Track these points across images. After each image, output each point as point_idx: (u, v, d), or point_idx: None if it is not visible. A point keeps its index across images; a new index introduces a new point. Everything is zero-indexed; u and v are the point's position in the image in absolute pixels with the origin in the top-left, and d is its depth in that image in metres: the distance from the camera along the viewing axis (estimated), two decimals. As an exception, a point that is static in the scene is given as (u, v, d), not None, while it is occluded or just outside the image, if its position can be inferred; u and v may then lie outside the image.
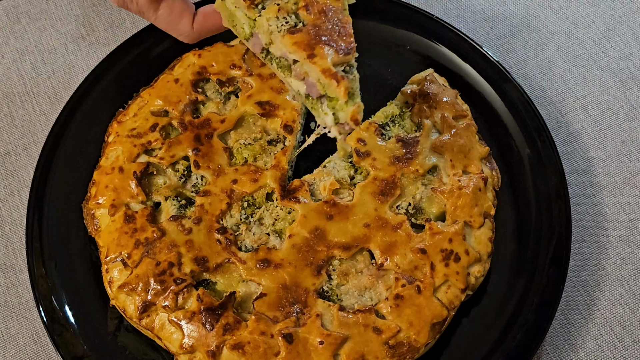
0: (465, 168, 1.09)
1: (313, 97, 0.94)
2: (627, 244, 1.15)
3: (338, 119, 0.92)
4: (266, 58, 1.00)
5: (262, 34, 0.96)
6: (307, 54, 0.91)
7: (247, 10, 0.97)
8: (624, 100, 1.26)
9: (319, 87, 0.92)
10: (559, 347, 1.07)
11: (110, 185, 1.06)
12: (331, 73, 0.89)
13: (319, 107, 0.94)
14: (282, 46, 0.94)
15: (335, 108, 0.92)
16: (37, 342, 1.07)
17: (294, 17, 0.94)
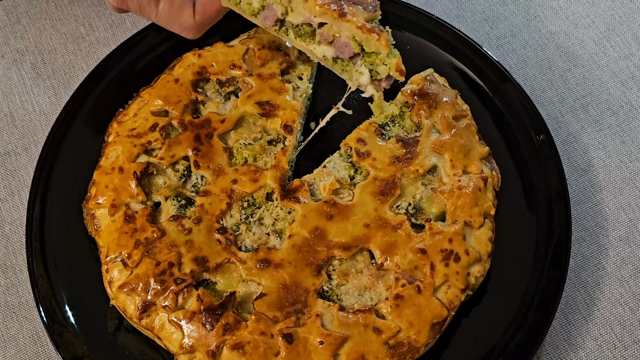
0: (465, 168, 1.09)
1: (344, 59, 0.94)
2: (627, 244, 1.15)
3: (376, 75, 0.92)
4: (280, 30, 0.99)
5: (278, 4, 0.95)
6: (337, 13, 0.91)
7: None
8: (624, 100, 1.26)
9: (353, 46, 0.92)
10: (558, 347, 1.07)
11: (110, 185, 1.06)
12: (368, 28, 0.90)
13: (351, 68, 0.94)
14: (305, 11, 0.94)
15: (375, 64, 0.92)
16: (37, 342, 1.07)
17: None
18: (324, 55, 0.96)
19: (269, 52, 1.16)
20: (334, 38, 0.94)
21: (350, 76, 0.96)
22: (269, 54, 1.16)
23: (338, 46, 0.94)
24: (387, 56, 0.91)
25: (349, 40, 0.92)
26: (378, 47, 0.90)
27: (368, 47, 0.91)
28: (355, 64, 0.94)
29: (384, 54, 0.91)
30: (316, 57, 0.99)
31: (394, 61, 0.91)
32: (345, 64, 0.95)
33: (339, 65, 0.96)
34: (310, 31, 0.96)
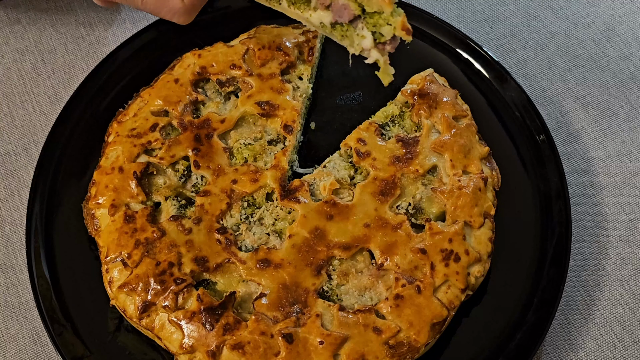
0: (465, 168, 1.09)
1: (343, 23, 0.88)
2: (627, 244, 1.15)
3: (380, 38, 0.86)
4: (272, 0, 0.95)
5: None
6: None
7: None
8: (624, 100, 1.26)
9: (353, 7, 0.86)
10: (558, 347, 1.07)
11: (110, 185, 1.06)
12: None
13: (352, 33, 0.89)
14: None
15: (378, 24, 0.86)
16: (37, 342, 1.07)
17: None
18: (321, 21, 0.90)
19: (269, 52, 1.16)
20: (331, 1, 0.88)
21: (351, 42, 0.90)
22: (269, 54, 1.16)
23: (336, 10, 0.88)
24: (391, 14, 0.85)
25: (347, 1, 0.86)
26: (381, 5, 0.84)
27: (369, 6, 0.85)
28: (356, 28, 0.88)
29: (388, 12, 0.84)
30: (312, 24, 0.93)
31: (399, 19, 0.85)
32: (345, 29, 0.89)
33: (337, 31, 0.90)
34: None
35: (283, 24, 1.20)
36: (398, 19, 0.85)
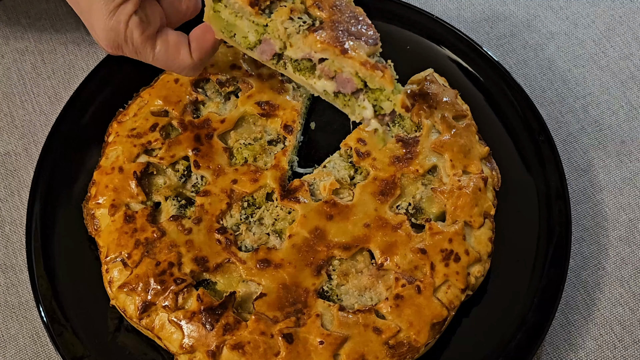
0: (465, 168, 1.09)
1: (346, 94, 0.92)
2: (627, 244, 1.15)
3: (380, 110, 0.90)
4: (278, 64, 0.97)
5: (276, 38, 0.93)
6: (339, 50, 0.88)
7: (255, 17, 0.92)
8: (624, 100, 1.26)
9: (356, 82, 0.90)
10: (558, 347, 1.07)
11: (110, 185, 1.06)
12: (372, 64, 0.87)
13: (354, 103, 0.92)
14: (306, 47, 0.91)
15: (379, 99, 0.90)
16: (37, 342, 1.07)
17: (306, 16, 0.92)
18: (324, 89, 0.94)
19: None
20: (335, 74, 0.91)
21: (352, 110, 0.93)
22: None
23: (340, 81, 0.91)
24: (392, 92, 0.89)
25: (351, 76, 0.90)
26: (382, 83, 0.88)
27: (372, 83, 0.89)
28: (357, 99, 0.92)
29: (389, 90, 0.88)
30: (316, 91, 0.96)
31: (399, 97, 0.89)
32: (347, 99, 0.93)
33: (340, 99, 0.93)
34: (310, 66, 0.93)
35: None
36: (398, 96, 0.88)
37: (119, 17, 0.93)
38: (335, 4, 0.92)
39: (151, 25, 0.96)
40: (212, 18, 0.96)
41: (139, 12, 0.94)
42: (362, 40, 0.89)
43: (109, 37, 0.95)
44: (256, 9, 0.91)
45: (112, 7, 0.93)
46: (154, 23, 0.97)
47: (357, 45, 0.88)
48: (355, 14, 0.93)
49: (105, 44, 0.96)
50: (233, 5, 0.93)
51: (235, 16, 0.94)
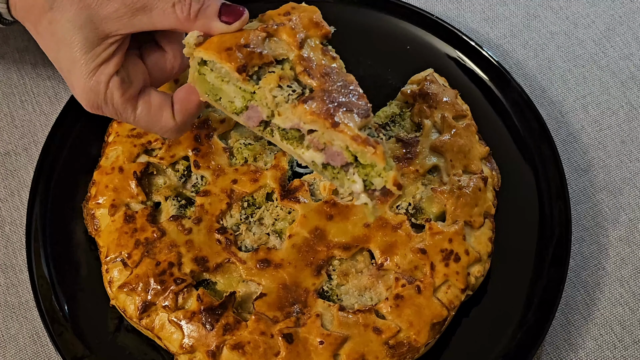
0: (465, 168, 1.09)
1: (335, 166, 0.85)
2: (627, 244, 1.15)
3: (370, 185, 0.84)
4: (264, 131, 0.89)
5: (264, 106, 0.86)
6: (330, 123, 0.82)
7: (242, 84, 0.85)
8: (624, 100, 1.26)
9: (346, 155, 0.83)
10: (559, 347, 1.07)
11: (110, 185, 1.06)
12: (363, 139, 0.81)
13: (343, 176, 0.86)
14: (294, 117, 0.84)
15: (369, 175, 0.84)
16: (37, 342, 1.07)
17: (296, 84, 0.85)
18: (312, 160, 0.86)
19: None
20: (325, 146, 0.84)
21: (341, 183, 0.86)
22: None
23: (329, 154, 0.84)
24: (384, 169, 0.82)
25: (341, 149, 0.83)
26: (374, 160, 0.82)
27: (363, 159, 0.83)
28: (347, 172, 0.85)
29: (380, 167, 0.82)
30: (304, 160, 0.87)
31: (391, 174, 0.82)
32: (337, 172, 0.86)
33: (329, 171, 0.86)
34: (299, 135, 0.86)
35: (283, 24, 1.20)
36: (390, 173, 0.82)
37: (99, 78, 0.87)
38: (326, 71, 0.87)
39: (133, 86, 0.89)
40: (197, 80, 0.89)
41: (120, 72, 0.88)
42: (354, 112, 0.83)
43: (88, 98, 0.89)
44: (244, 75, 0.84)
45: (93, 67, 0.86)
46: (136, 83, 0.90)
47: (348, 117, 0.82)
48: (346, 82, 0.87)
49: (85, 104, 0.90)
50: (219, 70, 0.86)
51: (222, 80, 0.87)
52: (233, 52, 0.84)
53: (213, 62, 0.86)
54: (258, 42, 0.86)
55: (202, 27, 0.86)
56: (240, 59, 0.84)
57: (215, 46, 0.85)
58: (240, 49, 0.85)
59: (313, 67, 0.87)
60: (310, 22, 0.90)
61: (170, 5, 0.84)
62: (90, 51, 0.85)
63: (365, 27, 1.23)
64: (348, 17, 1.24)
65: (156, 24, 0.86)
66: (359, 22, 1.24)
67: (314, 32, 0.90)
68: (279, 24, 0.89)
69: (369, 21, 1.24)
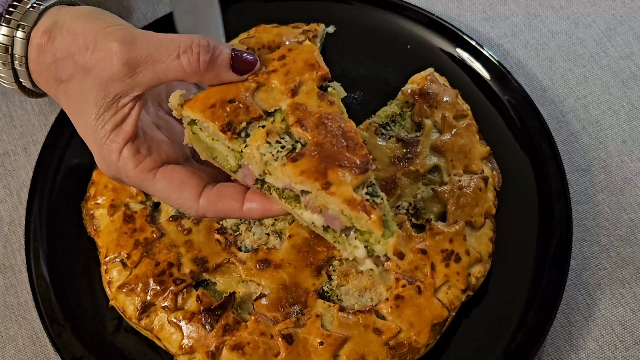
0: (466, 168, 1.08)
1: (335, 230, 0.77)
2: (628, 244, 1.14)
3: (373, 252, 0.75)
4: (262, 189, 0.80)
5: (254, 165, 0.78)
6: (320, 184, 0.73)
7: (229, 143, 0.78)
8: (625, 99, 1.26)
9: (344, 220, 0.75)
10: (559, 348, 1.07)
11: (109, 185, 1.06)
12: (356, 203, 0.72)
13: (344, 241, 0.77)
14: (284, 177, 0.76)
15: (369, 242, 0.75)
16: (36, 342, 1.07)
17: (287, 137, 0.77)
18: (312, 222, 0.78)
19: (268, 52, 1.15)
20: (321, 209, 0.76)
21: (344, 247, 0.77)
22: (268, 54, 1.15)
23: (327, 217, 0.76)
24: (383, 235, 0.73)
25: (337, 214, 0.74)
26: (370, 227, 0.72)
27: (359, 225, 0.74)
28: (348, 237, 0.76)
29: (378, 235, 0.72)
30: (304, 221, 0.79)
31: (391, 242, 0.73)
32: (338, 235, 0.77)
33: (330, 234, 0.78)
34: (294, 195, 0.78)
35: (282, 23, 1.20)
36: (390, 240, 0.73)
37: (111, 147, 0.81)
38: (322, 120, 0.77)
39: (151, 158, 0.82)
40: (193, 140, 0.83)
41: (136, 142, 0.81)
42: (349, 168, 0.73)
43: (102, 166, 0.83)
44: (229, 134, 0.77)
45: (103, 133, 0.80)
46: (155, 156, 0.82)
47: (341, 176, 0.73)
48: (344, 131, 0.77)
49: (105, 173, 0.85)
50: (207, 129, 0.80)
51: (212, 139, 0.80)
52: (217, 110, 0.77)
53: (200, 122, 0.79)
54: (246, 95, 0.79)
55: (213, 79, 0.80)
56: (225, 117, 0.77)
57: (200, 104, 0.79)
58: (224, 105, 0.78)
59: (307, 116, 0.78)
60: (305, 65, 0.82)
61: (174, 56, 0.78)
62: (100, 116, 0.80)
63: (365, 26, 1.23)
64: (348, 16, 1.24)
65: (162, 78, 0.79)
66: (359, 21, 1.24)
67: (309, 76, 0.81)
68: (270, 71, 0.81)
69: (369, 20, 1.24)
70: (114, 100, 0.80)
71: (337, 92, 0.82)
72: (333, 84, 0.83)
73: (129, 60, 0.78)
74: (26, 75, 0.85)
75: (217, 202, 0.81)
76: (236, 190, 0.82)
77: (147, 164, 0.82)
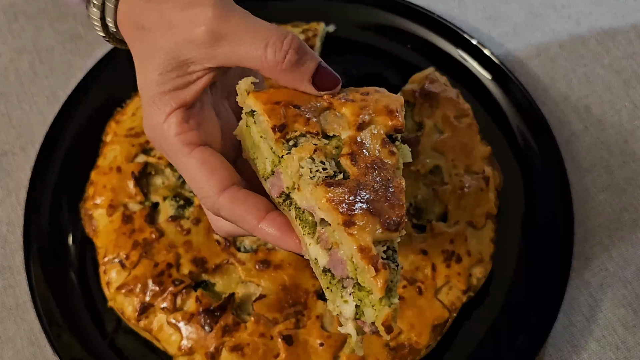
0: (467, 168, 1.08)
1: (334, 276, 0.71)
2: (630, 244, 1.14)
3: (361, 315, 0.69)
4: (283, 204, 0.76)
5: (287, 175, 0.73)
6: (343, 219, 0.67)
7: (274, 144, 0.74)
8: (627, 99, 1.26)
9: (349, 268, 0.69)
10: (561, 349, 1.07)
11: (108, 186, 1.05)
12: (370, 255, 0.67)
13: (337, 291, 0.71)
14: (311, 198, 0.70)
15: (363, 302, 0.69)
16: (35, 343, 1.06)
17: (333, 164, 0.72)
18: (316, 258, 0.72)
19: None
20: (332, 246, 0.70)
21: (333, 298, 0.71)
22: None
23: (333, 258, 0.70)
24: (380, 301, 0.67)
25: (346, 258, 0.69)
26: (372, 285, 0.67)
27: (362, 278, 0.68)
28: (344, 288, 0.70)
29: (376, 297, 0.67)
30: (308, 254, 0.74)
31: (385, 311, 0.67)
32: (334, 283, 0.71)
33: (326, 278, 0.72)
34: (312, 222, 0.73)
35: (282, 22, 1.19)
36: (385, 309, 0.67)
37: (162, 107, 0.77)
38: (375, 164, 0.73)
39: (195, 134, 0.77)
40: (244, 132, 0.79)
41: (189, 111, 0.77)
42: (380, 220, 0.68)
43: (146, 124, 0.80)
44: (278, 135, 0.73)
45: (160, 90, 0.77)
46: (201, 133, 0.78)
47: (368, 222, 0.68)
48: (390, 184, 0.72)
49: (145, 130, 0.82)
50: (261, 124, 0.76)
51: (261, 137, 0.77)
52: (279, 108, 0.73)
53: (258, 114, 0.75)
54: (314, 108, 0.75)
55: (289, 81, 0.76)
56: (283, 117, 0.73)
57: (266, 97, 0.75)
58: (287, 107, 0.73)
59: (362, 154, 0.73)
60: (384, 109, 0.76)
61: (262, 45, 0.74)
62: (164, 74, 0.77)
63: (365, 25, 1.23)
64: (348, 16, 1.23)
65: (241, 60, 0.75)
66: (359, 21, 1.23)
67: (383, 120, 0.76)
68: (349, 99, 0.76)
69: (370, 19, 1.24)
70: (184, 63, 0.76)
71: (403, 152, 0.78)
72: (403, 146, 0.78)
73: (215, 30, 0.74)
74: (113, 13, 0.80)
75: (238, 204, 0.75)
76: (261, 203, 0.77)
77: (189, 136, 0.77)
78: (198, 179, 0.77)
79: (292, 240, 0.75)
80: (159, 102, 0.77)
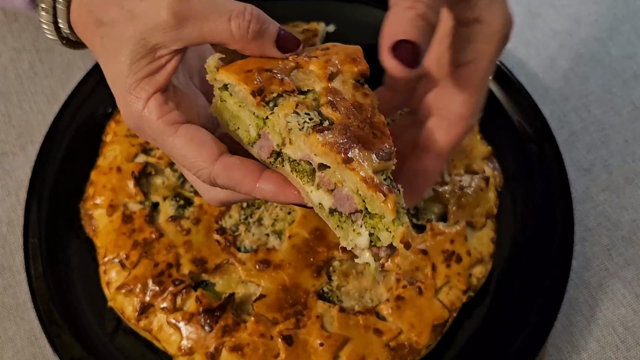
0: (467, 168, 1.08)
1: (342, 214, 0.74)
2: (630, 244, 1.14)
3: (377, 241, 0.73)
4: (275, 162, 0.79)
5: (275, 133, 0.76)
6: (342, 158, 0.71)
7: (255, 108, 0.77)
8: (627, 99, 1.26)
9: (356, 201, 0.72)
10: (561, 349, 1.07)
11: (108, 186, 1.05)
12: (375, 183, 0.70)
13: (349, 226, 0.74)
14: (305, 147, 0.74)
15: (377, 227, 0.72)
16: (35, 343, 1.06)
17: (316, 114, 0.76)
18: (320, 202, 0.76)
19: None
20: (335, 186, 0.74)
21: (345, 235, 0.75)
22: None
23: (338, 197, 0.74)
24: (393, 222, 0.71)
25: (352, 193, 0.73)
26: (383, 210, 0.70)
27: (372, 207, 0.72)
28: (354, 222, 0.74)
29: (389, 219, 0.71)
30: (311, 201, 0.78)
31: (400, 230, 0.71)
32: (343, 220, 0.75)
33: (334, 218, 0.75)
34: (310, 170, 0.76)
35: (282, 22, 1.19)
36: (400, 228, 0.71)
37: (139, 93, 0.78)
38: (353, 107, 0.77)
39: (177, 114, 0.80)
40: (219, 107, 0.82)
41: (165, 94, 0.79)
42: (373, 152, 0.73)
43: (126, 115, 0.81)
44: (258, 99, 0.76)
45: (134, 80, 0.78)
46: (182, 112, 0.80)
47: (364, 156, 0.72)
48: (373, 121, 0.77)
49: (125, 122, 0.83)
50: (237, 94, 0.79)
51: (239, 106, 0.80)
52: (252, 74, 0.76)
53: (232, 86, 0.79)
54: (283, 69, 0.78)
55: (256, 49, 0.79)
56: (258, 82, 0.76)
57: (237, 68, 0.78)
58: (260, 72, 0.77)
59: (339, 100, 0.77)
60: (347, 58, 0.82)
61: (225, 19, 0.76)
62: (135, 63, 0.78)
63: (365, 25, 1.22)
64: (348, 16, 1.23)
65: (207, 37, 0.77)
66: (359, 20, 1.23)
67: (348, 68, 0.81)
68: (312, 56, 0.81)
69: (370, 19, 1.23)
70: (152, 49, 0.78)
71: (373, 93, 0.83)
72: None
73: (178, 13, 0.76)
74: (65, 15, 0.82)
75: (234, 170, 0.78)
76: (254, 164, 0.79)
77: (172, 117, 0.79)
78: (190, 155, 0.79)
79: (291, 193, 0.77)
80: (135, 91, 0.79)
